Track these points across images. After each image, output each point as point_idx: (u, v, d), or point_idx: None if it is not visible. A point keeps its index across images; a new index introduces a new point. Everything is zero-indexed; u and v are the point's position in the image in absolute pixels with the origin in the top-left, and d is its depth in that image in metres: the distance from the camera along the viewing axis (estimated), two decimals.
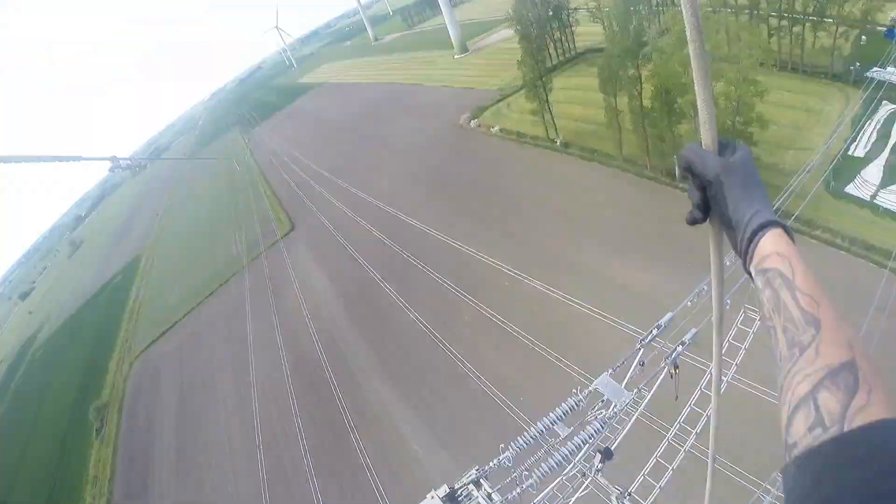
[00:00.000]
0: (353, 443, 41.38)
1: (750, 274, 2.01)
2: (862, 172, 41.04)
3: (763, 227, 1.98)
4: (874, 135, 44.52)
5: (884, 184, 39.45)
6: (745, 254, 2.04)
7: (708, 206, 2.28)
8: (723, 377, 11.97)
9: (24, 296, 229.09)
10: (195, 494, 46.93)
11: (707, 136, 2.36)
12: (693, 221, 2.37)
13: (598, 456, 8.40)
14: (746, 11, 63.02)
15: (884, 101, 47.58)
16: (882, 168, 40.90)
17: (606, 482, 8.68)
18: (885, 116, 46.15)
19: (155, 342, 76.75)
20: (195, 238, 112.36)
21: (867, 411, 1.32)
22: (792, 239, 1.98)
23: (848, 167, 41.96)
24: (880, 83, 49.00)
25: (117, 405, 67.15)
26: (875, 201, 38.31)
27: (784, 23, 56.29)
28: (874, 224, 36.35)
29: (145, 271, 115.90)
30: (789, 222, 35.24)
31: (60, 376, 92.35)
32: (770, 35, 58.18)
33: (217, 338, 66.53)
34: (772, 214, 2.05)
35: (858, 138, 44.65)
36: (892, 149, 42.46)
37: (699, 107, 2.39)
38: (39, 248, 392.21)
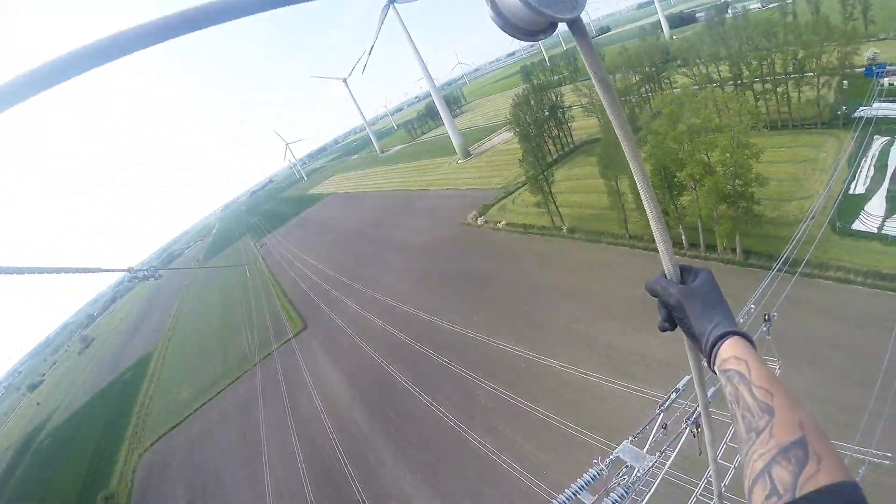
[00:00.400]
0: None
1: (715, 372, 2.36)
2: (866, 207, 42.01)
3: (721, 337, 2.36)
4: (871, 169, 45.84)
5: (888, 213, 40.52)
6: (708, 358, 2.41)
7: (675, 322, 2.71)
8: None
9: (32, 387, 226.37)
10: None
11: (667, 267, 2.81)
12: (663, 330, 2.81)
13: None
14: (731, 83, 67.19)
15: (875, 136, 49.31)
16: (884, 199, 42.11)
17: None
18: (879, 149, 47.68)
19: (165, 435, 75.75)
20: (207, 337, 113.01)
21: (816, 479, 1.53)
22: (751, 342, 2.36)
23: (851, 205, 43.00)
24: (869, 120, 51.01)
25: (125, 496, 65.60)
26: (882, 231, 39.12)
27: (768, 86, 60.18)
28: (885, 254, 37.18)
29: (156, 368, 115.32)
30: (801, 268, 37.11)
31: (67, 465, 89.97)
32: (756, 99, 62.00)
33: (229, 433, 65.69)
34: (730, 325, 2.41)
35: (857, 176, 45.97)
36: (891, 178, 44.04)
37: (657, 240, 2.83)
38: (50, 342, 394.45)
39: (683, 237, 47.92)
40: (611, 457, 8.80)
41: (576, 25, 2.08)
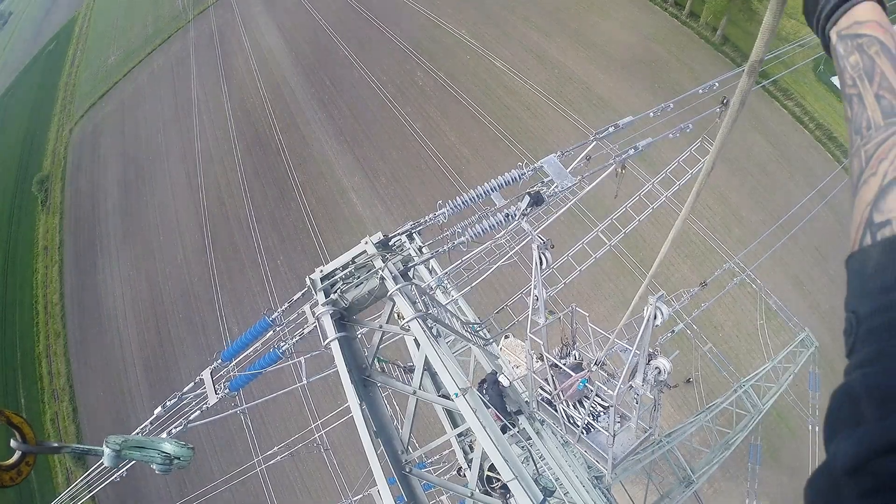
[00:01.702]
0: (296, 197, 41.07)
1: (825, 38, 1.69)
2: None
3: None
4: None
5: None
6: (830, 13, 1.65)
7: None
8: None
9: None
10: (143, 251, 46.69)
11: None
12: None
13: (527, 199, 7.99)
14: None
15: None
16: None
17: (530, 229, 8.37)
18: None
19: (94, 105, 71.14)
20: None
21: None
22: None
23: None
24: None
25: (60, 174, 64.06)
26: None
27: None
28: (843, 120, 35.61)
29: (81, 34, 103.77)
30: (766, 82, 35.35)
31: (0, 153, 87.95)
32: None
33: (160, 95, 62.21)
34: None
35: None
36: None
37: None
38: None
39: None
40: (535, 164, 8.57)
41: None
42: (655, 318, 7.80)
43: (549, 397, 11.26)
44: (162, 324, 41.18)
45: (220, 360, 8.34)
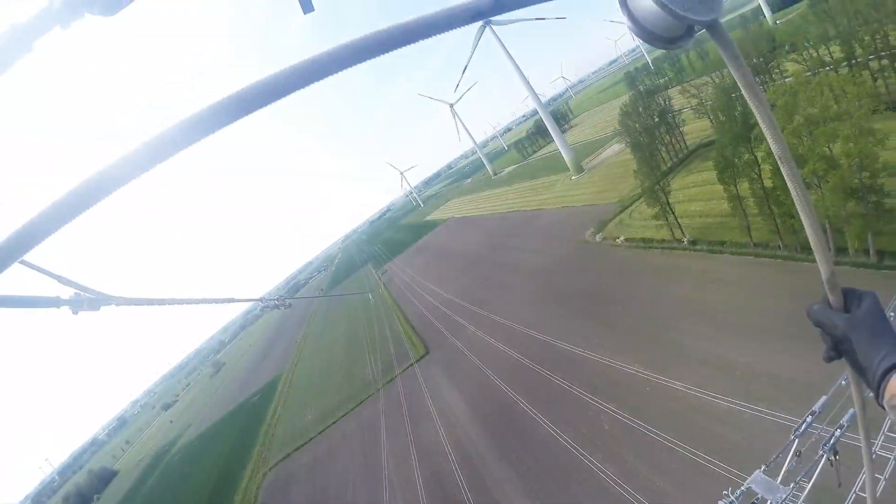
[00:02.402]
0: None
1: (883, 407, 2.31)
2: None
3: (890, 370, 2.28)
4: None
5: None
6: (876, 392, 2.34)
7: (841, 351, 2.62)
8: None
9: (167, 407, 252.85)
10: None
11: (831, 294, 2.66)
12: (829, 360, 2.68)
13: None
14: (844, 64, 61.17)
15: None
16: None
17: None
18: None
19: (289, 456, 78.69)
20: (331, 363, 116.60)
21: None
22: None
23: None
24: None
25: None
26: None
27: (885, 62, 54.68)
28: None
29: (283, 391, 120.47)
30: None
31: (195, 479, 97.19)
32: (874, 79, 56.14)
33: (351, 456, 66.86)
34: None
35: None
36: None
37: (820, 268, 2.65)
38: (184, 367, 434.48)
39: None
40: (741, 488, 8.43)
41: (715, 28, 2.03)
42: None
43: None
44: None
45: None
